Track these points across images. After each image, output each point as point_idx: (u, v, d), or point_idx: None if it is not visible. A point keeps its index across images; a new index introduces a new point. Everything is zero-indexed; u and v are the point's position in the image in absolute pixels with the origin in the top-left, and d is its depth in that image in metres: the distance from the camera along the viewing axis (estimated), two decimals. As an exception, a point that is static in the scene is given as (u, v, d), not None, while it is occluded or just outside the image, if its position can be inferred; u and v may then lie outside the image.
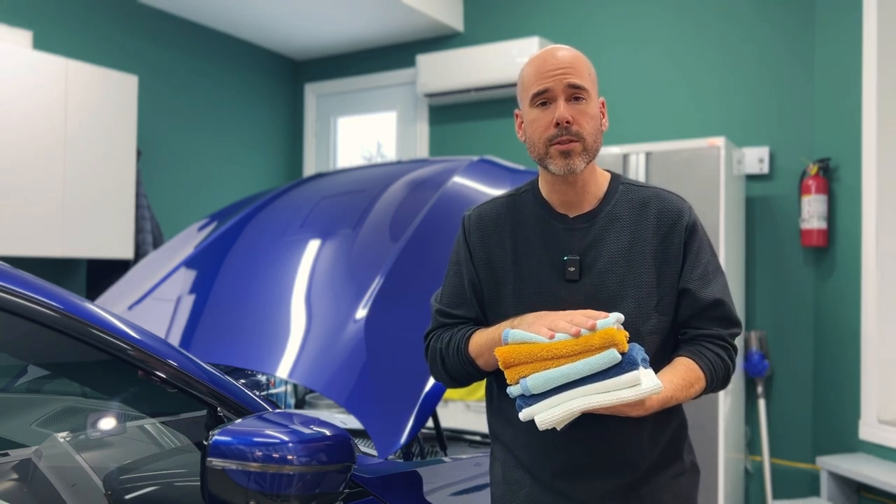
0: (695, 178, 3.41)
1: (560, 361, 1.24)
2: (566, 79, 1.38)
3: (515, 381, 1.27)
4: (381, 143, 5.29)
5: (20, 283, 1.20)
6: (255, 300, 2.11)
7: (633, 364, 1.24)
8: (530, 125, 1.43)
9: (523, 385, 1.25)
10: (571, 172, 1.39)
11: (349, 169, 2.96)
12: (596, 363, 1.23)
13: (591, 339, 1.23)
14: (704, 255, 1.45)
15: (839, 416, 3.49)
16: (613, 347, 1.23)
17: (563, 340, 1.25)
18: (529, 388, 1.25)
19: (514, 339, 1.28)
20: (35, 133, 3.43)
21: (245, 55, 5.02)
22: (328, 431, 1.26)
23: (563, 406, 1.24)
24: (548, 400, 1.25)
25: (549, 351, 1.24)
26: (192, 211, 4.54)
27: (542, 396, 1.25)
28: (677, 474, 1.44)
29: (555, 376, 1.24)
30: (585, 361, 1.23)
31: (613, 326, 1.26)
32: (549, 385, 1.24)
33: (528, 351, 1.26)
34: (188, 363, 1.33)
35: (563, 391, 1.24)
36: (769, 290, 3.76)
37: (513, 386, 1.28)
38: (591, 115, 1.40)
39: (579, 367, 1.23)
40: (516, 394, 1.28)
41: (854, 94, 3.44)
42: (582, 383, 1.24)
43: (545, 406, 1.25)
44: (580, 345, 1.23)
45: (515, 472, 1.45)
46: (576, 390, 1.24)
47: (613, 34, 4.22)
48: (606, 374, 1.23)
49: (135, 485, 1.28)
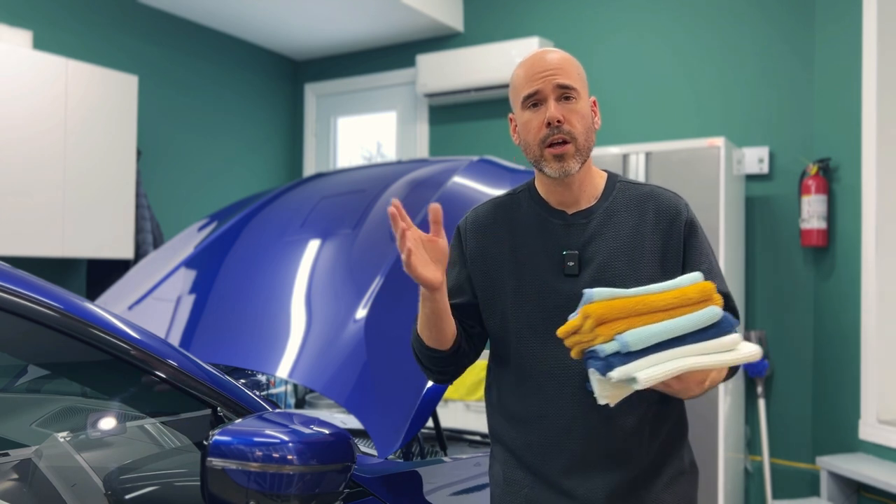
0: (695, 178, 3.41)
1: (657, 316, 1.18)
2: (555, 79, 1.40)
3: (611, 338, 1.18)
4: (381, 143, 5.28)
5: (20, 283, 1.20)
6: (255, 300, 2.11)
7: (732, 324, 1.20)
8: (523, 127, 1.44)
9: (621, 341, 1.16)
10: (566, 175, 1.41)
11: (349, 169, 2.96)
12: (699, 319, 1.17)
13: (688, 293, 1.18)
14: (707, 251, 1.46)
15: (839, 416, 3.49)
16: (712, 303, 1.18)
17: (661, 293, 1.19)
18: (629, 345, 1.16)
19: (600, 297, 1.20)
20: (35, 133, 3.43)
21: (245, 55, 5.02)
22: (328, 431, 1.26)
23: (664, 365, 1.16)
24: (647, 358, 1.17)
25: (647, 305, 1.18)
26: (192, 211, 4.54)
27: (641, 354, 1.17)
28: (677, 474, 1.44)
29: (657, 332, 1.16)
30: (689, 317, 1.17)
31: (699, 276, 1.21)
32: (651, 341, 1.16)
33: (623, 305, 1.18)
34: (188, 363, 1.33)
35: (663, 349, 1.17)
36: (769, 290, 3.76)
37: (605, 343, 1.18)
38: (581, 113, 1.42)
39: (682, 323, 1.17)
40: (610, 351, 1.18)
41: (854, 94, 3.45)
42: (682, 341, 1.17)
43: (645, 364, 1.16)
44: (678, 298, 1.18)
45: (516, 473, 1.45)
46: (676, 349, 1.17)
47: (613, 34, 4.22)
48: (707, 332, 1.18)
49: (135, 485, 1.28)
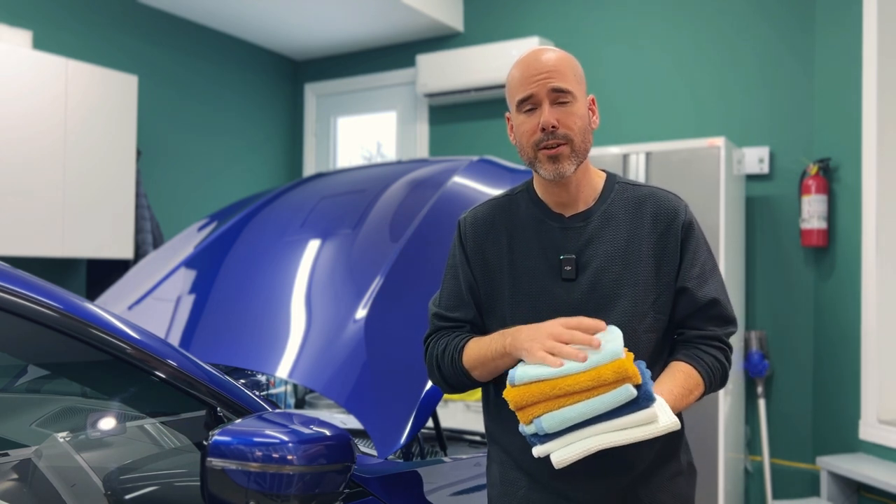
0: (695, 178, 3.41)
1: (573, 398, 1.20)
2: (549, 83, 1.38)
3: (529, 422, 1.23)
4: (381, 143, 5.28)
5: (20, 283, 1.20)
6: (255, 300, 2.11)
7: (649, 399, 1.21)
8: (518, 129, 1.43)
9: (538, 425, 1.22)
10: (562, 176, 1.40)
11: (349, 169, 2.96)
12: (612, 400, 1.20)
13: (602, 373, 1.20)
14: (701, 254, 1.45)
15: (839, 416, 3.49)
16: (627, 381, 1.20)
17: (575, 375, 1.21)
18: (545, 428, 1.21)
19: (521, 380, 1.24)
20: (35, 133, 3.43)
21: (245, 55, 5.02)
22: (328, 431, 1.26)
23: (580, 444, 1.21)
24: (563, 438, 1.21)
25: (561, 388, 1.21)
26: (192, 211, 4.54)
27: (557, 434, 1.22)
28: (674, 474, 1.44)
29: (570, 416, 1.20)
30: (601, 399, 1.20)
31: (621, 351, 1.23)
32: (565, 424, 1.21)
33: (538, 391, 1.22)
34: (188, 363, 1.33)
35: (579, 428, 1.21)
36: (769, 290, 3.76)
37: (526, 426, 1.24)
38: (577, 115, 1.40)
39: (595, 405, 1.20)
40: (530, 433, 1.24)
41: (854, 94, 3.44)
42: (598, 420, 1.21)
43: (561, 444, 1.21)
44: (593, 380, 1.20)
45: (512, 473, 1.45)
46: (592, 427, 1.21)
47: (613, 34, 4.22)
48: (623, 410, 1.21)
49: (135, 485, 1.28)
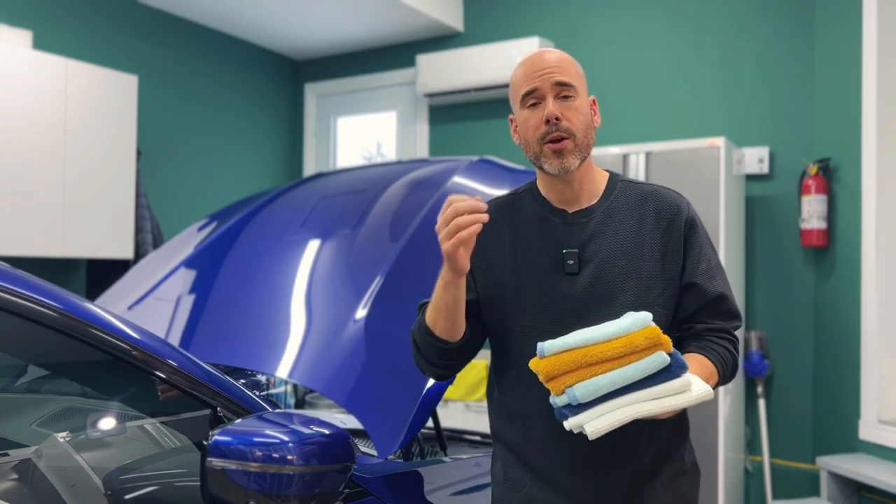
0: (695, 178, 3.41)
1: (606, 366, 1.18)
2: (553, 77, 1.41)
3: (561, 392, 1.20)
4: (381, 143, 5.28)
5: (20, 283, 1.20)
6: (255, 300, 2.11)
7: (682, 367, 1.20)
8: (522, 125, 1.45)
9: (570, 395, 1.19)
10: (566, 171, 1.41)
11: (349, 169, 2.96)
12: (646, 367, 1.17)
13: (635, 340, 1.18)
14: (707, 250, 1.46)
15: (839, 416, 3.49)
16: (660, 348, 1.18)
17: (608, 341, 1.19)
18: (578, 398, 1.18)
19: (550, 351, 1.22)
20: (35, 133, 3.43)
21: (245, 55, 5.02)
22: (328, 431, 1.26)
23: (614, 414, 1.18)
24: (597, 407, 1.19)
25: (594, 356, 1.18)
26: (192, 211, 4.54)
27: (591, 404, 1.19)
28: (678, 474, 1.45)
29: (604, 383, 1.18)
30: (636, 366, 1.17)
31: (649, 317, 1.20)
32: (599, 393, 1.18)
33: (571, 359, 1.19)
34: (188, 363, 1.33)
35: (613, 398, 1.19)
36: (769, 290, 3.76)
37: (557, 396, 1.21)
38: (580, 111, 1.42)
39: (630, 372, 1.17)
40: (562, 404, 1.21)
41: (854, 94, 3.44)
42: (631, 388, 1.18)
43: (594, 414, 1.18)
44: (626, 346, 1.18)
45: (516, 472, 1.45)
46: (626, 397, 1.18)
47: (613, 34, 4.22)
48: (656, 378, 1.19)
49: (135, 485, 1.28)
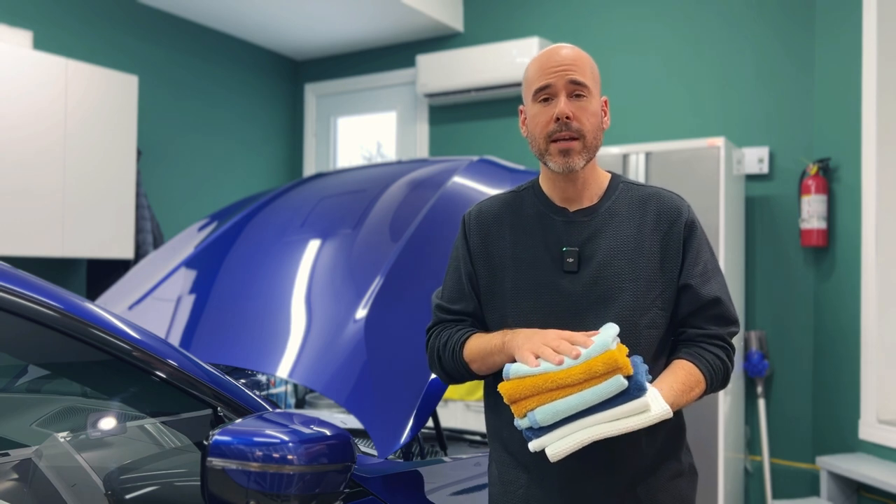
0: (694, 178, 3.41)
1: (566, 391, 1.22)
2: (568, 75, 1.40)
3: (523, 415, 1.25)
4: (381, 143, 5.28)
5: (20, 283, 1.20)
6: (255, 300, 2.11)
7: (641, 389, 1.23)
8: (532, 120, 1.44)
9: (531, 418, 1.24)
10: (571, 171, 1.41)
11: (349, 169, 2.96)
12: (603, 391, 1.21)
13: (593, 366, 1.21)
14: (704, 253, 1.46)
15: (839, 416, 3.49)
16: (618, 372, 1.21)
17: (567, 369, 1.23)
18: (538, 421, 1.23)
19: (515, 374, 1.26)
20: (35, 133, 3.43)
21: (245, 55, 5.02)
22: (328, 431, 1.26)
23: (573, 436, 1.22)
24: (557, 430, 1.23)
25: (554, 381, 1.22)
26: (192, 211, 4.54)
27: (551, 427, 1.23)
28: (675, 476, 1.44)
29: (563, 408, 1.22)
30: (593, 391, 1.21)
31: (612, 343, 1.24)
32: (558, 417, 1.22)
33: (532, 384, 1.24)
34: (188, 363, 1.33)
35: (572, 421, 1.23)
36: (769, 290, 3.76)
37: (520, 420, 1.26)
38: (591, 111, 1.42)
39: (587, 397, 1.21)
40: (524, 426, 1.26)
41: (854, 95, 3.44)
42: (590, 412, 1.22)
43: (555, 437, 1.23)
44: (584, 372, 1.21)
45: (512, 472, 1.46)
46: (585, 419, 1.23)
47: (613, 34, 4.22)
48: (615, 401, 1.22)
49: (135, 485, 1.28)
